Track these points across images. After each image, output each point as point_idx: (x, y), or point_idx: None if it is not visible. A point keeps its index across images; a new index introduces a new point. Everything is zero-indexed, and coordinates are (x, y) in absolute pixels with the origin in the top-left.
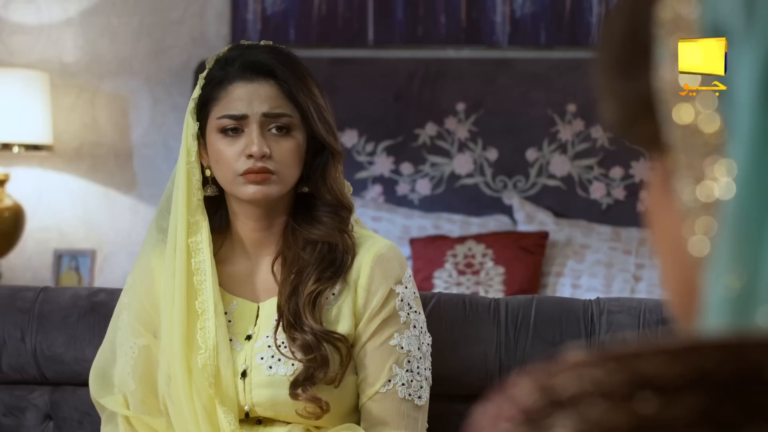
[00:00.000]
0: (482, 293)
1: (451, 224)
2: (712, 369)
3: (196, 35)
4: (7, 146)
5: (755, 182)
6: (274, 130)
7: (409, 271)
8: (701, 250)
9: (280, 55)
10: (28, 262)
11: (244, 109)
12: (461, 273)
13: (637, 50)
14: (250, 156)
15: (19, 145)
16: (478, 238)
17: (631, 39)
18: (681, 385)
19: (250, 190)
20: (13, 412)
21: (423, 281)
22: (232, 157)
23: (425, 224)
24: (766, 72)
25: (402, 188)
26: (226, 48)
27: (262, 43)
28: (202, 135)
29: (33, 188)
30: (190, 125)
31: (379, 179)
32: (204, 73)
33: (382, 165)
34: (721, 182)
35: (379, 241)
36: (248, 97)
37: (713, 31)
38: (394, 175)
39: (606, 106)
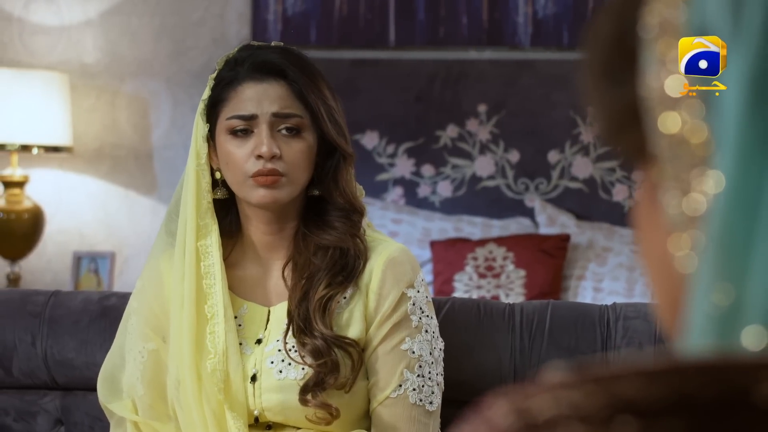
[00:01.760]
0: (503, 297)
1: (472, 227)
2: (694, 392)
3: (217, 36)
4: (26, 148)
5: (742, 195)
6: (284, 131)
7: (421, 275)
8: (687, 266)
9: (291, 56)
10: (48, 264)
11: (254, 109)
12: (482, 276)
13: (624, 56)
14: (260, 157)
15: (39, 147)
16: (499, 240)
17: (618, 44)
18: (662, 409)
19: (260, 193)
20: (24, 417)
21: (443, 284)
22: (242, 158)
23: (446, 227)
24: (753, 78)
25: (423, 190)
26: (236, 48)
27: (272, 44)
28: (212, 137)
29: (53, 190)
30: (200, 127)
31: (399, 181)
32: (214, 74)
33: (403, 167)
34: (707, 195)
35: (391, 244)
36: (258, 97)
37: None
38: (415, 177)
39: (593, 113)
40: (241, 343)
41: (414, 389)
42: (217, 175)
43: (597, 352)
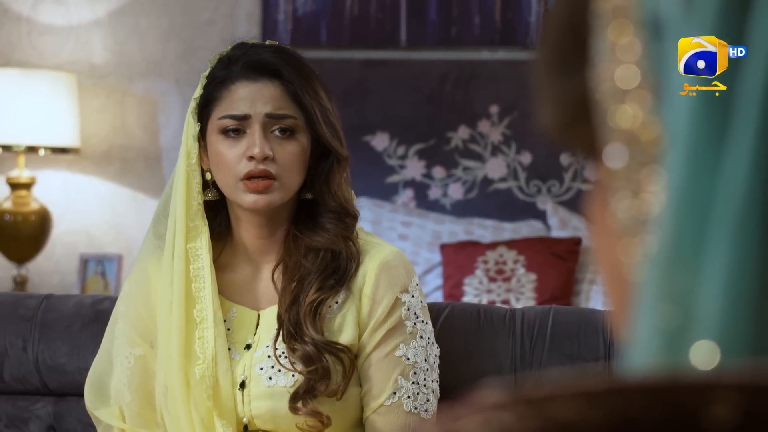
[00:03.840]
0: (513, 301)
1: (483, 229)
2: (637, 415)
3: (226, 36)
4: (33, 149)
5: (692, 197)
6: (277, 132)
7: (416, 279)
8: (638, 273)
9: (286, 55)
10: (56, 266)
11: (247, 109)
12: (492, 280)
13: (577, 44)
14: (252, 158)
15: (46, 148)
16: (510, 244)
17: (571, 31)
18: None
19: (251, 198)
20: (16, 423)
21: (453, 288)
22: (233, 159)
23: (457, 229)
24: None
25: (434, 192)
26: (230, 47)
27: (267, 42)
28: (203, 137)
29: (60, 191)
30: (191, 126)
31: (410, 183)
32: (206, 72)
33: (414, 169)
34: (658, 197)
35: (385, 247)
36: (251, 97)
37: (652, 22)
38: (425, 179)
39: (544, 108)
40: (229, 348)
41: (409, 397)
42: (208, 176)
43: (600, 360)
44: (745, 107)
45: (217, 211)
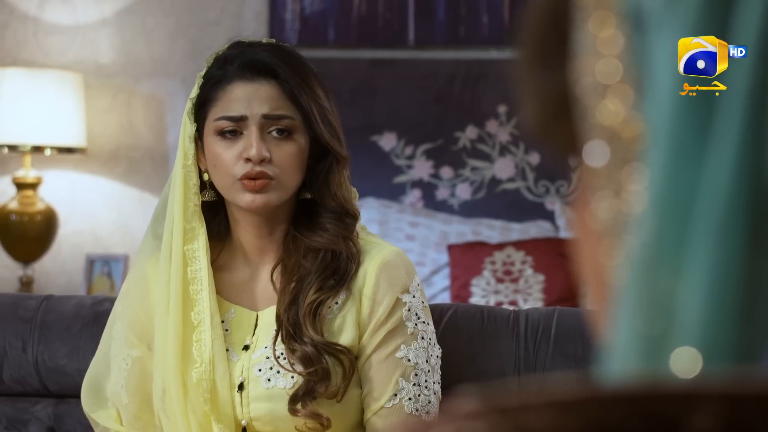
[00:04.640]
0: (521, 302)
1: (491, 230)
2: (615, 425)
3: (233, 36)
4: (39, 149)
5: (674, 196)
6: (274, 133)
7: (417, 279)
8: (618, 276)
9: (283, 54)
10: (62, 267)
11: (243, 110)
12: (500, 281)
13: (559, 38)
14: (249, 160)
15: (52, 148)
16: (518, 244)
17: (552, 25)
18: None
19: (248, 198)
20: (16, 425)
21: (460, 289)
22: (230, 161)
23: (464, 230)
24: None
25: (441, 193)
26: (226, 46)
27: (264, 40)
28: (200, 137)
29: (67, 191)
30: (187, 127)
31: (418, 183)
32: (202, 72)
33: (422, 169)
34: (638, 196)
35: (386, 247)
36: (247, 98)
37: (635, 14)
38: (433, 180)
39: (527, 105)
40: (227, 350)
41: (410, 398)
42: (205, 176)
43: None
44: (730, 104)
45: (216, 212)
